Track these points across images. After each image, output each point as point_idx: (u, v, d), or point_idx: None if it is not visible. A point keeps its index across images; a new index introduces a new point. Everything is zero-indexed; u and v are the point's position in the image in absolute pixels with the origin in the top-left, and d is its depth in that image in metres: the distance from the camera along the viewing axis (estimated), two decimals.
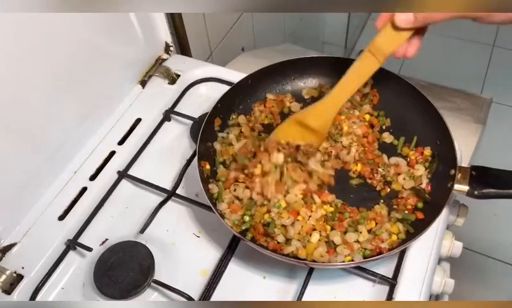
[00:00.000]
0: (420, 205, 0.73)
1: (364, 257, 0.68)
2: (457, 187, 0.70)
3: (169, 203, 0.79)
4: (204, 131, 0.78)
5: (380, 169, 0.77)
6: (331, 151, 0.79)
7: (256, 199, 0.73)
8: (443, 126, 0.75)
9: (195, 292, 0.70)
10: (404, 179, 0.76)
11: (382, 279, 0.69)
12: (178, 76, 0.97)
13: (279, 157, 0.73)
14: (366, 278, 0.71)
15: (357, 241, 0.69)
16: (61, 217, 0.78)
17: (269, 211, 0.71)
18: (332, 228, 0.70)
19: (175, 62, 0.99)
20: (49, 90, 0.75)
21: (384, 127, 0.83)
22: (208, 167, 0.77)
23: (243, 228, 0.70)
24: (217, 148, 0.80)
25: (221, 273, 0.71)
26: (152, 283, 0.70)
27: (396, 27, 0.61)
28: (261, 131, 0.83)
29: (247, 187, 0.74)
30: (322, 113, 0.73)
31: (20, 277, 0.72)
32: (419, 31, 0.62)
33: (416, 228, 0.69)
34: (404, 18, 0.60)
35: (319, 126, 0.74)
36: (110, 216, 0.80)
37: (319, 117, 0.73)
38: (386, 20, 0.62)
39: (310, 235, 0.69)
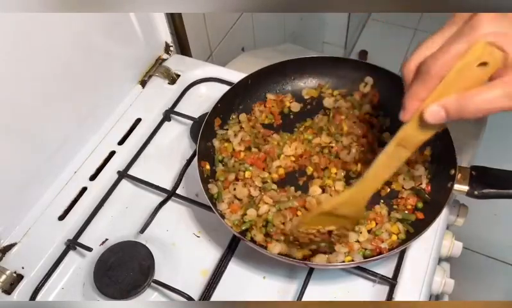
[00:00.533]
0: (420, 205, 0.73)
1: (364, 257, 0.68)
2: (457, 187, 0.70)
3: (169, 203, 0.79)
4: (204, 131, 0.78)
5: None
6: (332, 147, 0.79)
7: (255, 195, 0.73)
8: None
9: (195, 292, 0.70)
10: (404, 179, 0.76)
11: (382, 279, 0.69)
12: (178, 76, 0.97)
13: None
14: (366, 278, 0.71)
15: (357, 241, 0.69)
16: (61, 217, 0.78)
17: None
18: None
19: (175, 62, 0.99)
20: (48, 90, 0.75)
21: (384, 127, 0.83)
22: (208, 167, 0.77)
23: (243, 228, 0.70)
24: (215, 145, 0.80)
25: (221, 273, 0.71)
26: (152, 283, 0.70)
27: (424, 122, 0.52)
28: (261, 131, 0.83)
29: (245, 184, 0.75)
30: (354, 202, 0.63)
31: (20, 277, 0.72)
32: None
33: (416, 228, 0.69)
34: (434, 114, 0.50)
35: (352, 213, 0.64)
36: (110, 216, 0.80)
37: (350, 205, 0.63)
38: (414, 112, 0.53)
39: None
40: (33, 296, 0.71)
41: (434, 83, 0.49)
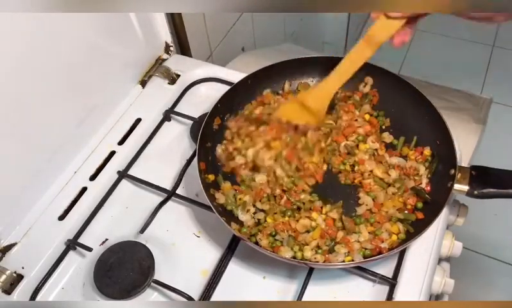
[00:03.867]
0: (420, 204, 0.73)
1: (364, 257, 0.68)
2: (457, 186, 0.70)
3: (169, 203, 0.79)
4: (204, 131, 0.78)
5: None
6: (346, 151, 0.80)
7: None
8: (443, 126, 0.76)
9: (195, 292, 0.70)
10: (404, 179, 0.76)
11: (382, 279, 0.69)
12: (178, 76, 0.97)
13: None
14: (366, 278, 0.71)
15: (357, 241, 0.69)
16: (61, 217, 0.78)
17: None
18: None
19: (175, 62, 0.99)
20: (49, 91, 0.75)
21: (383, 127, 0.83)
22: (212, 177, 0.77)
23: (252, 232, 0.70)
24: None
25: (221, 273, 0.71)
26: (152, 283, 0.70)
27: (388, 17, 0.65)
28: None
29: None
30: (319, 97, 0.75)
31: (20, 277, 0.72)
32: (410, 21, 0.65)
33: (416, 228, 0.70)
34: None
35: (316, 109, 0.75)
36: (110, 216, 0.80)
37: (316, 100, 0.75)
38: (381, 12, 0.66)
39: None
40: (33, 296, 0.71)
41: None
